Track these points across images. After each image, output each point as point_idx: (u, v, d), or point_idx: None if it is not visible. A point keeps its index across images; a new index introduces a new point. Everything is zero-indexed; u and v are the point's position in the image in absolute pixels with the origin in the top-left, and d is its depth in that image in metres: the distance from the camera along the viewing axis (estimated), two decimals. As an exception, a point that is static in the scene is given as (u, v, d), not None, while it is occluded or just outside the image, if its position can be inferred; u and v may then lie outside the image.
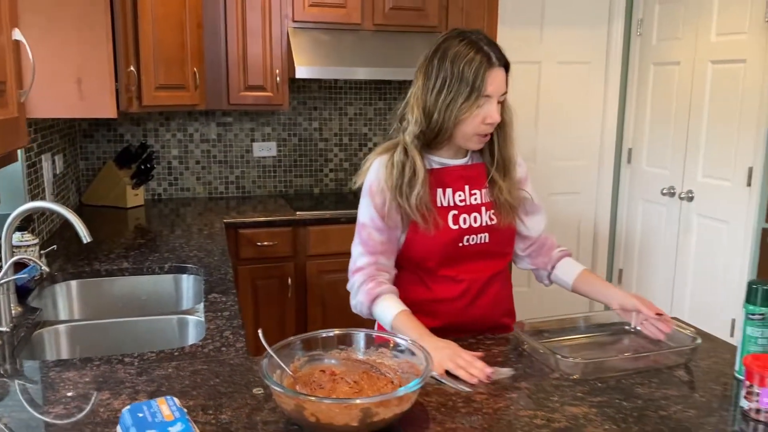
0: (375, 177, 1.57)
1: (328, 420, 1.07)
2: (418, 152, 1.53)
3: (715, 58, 3.45)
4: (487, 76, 1.47)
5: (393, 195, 1.53)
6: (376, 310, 1.54)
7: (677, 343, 1.52)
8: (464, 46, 1.48)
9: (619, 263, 4.34)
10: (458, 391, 1.30)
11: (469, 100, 1.47)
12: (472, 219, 1.59)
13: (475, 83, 1.46)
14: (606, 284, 1.69)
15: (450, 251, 1.58)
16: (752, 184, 3.25)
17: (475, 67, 1.46)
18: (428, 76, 1.51)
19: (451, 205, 1.59)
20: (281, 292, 3.13)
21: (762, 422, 1.21)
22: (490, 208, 1.61)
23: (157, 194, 3.58)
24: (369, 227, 1.58)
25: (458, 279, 1.61)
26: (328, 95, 3.72)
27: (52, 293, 2.04)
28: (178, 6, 2.93)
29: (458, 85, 1.47)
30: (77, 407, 1.24)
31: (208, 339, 1.59)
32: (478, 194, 1.61)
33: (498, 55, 1.50)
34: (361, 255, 1.59)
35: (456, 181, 1.60)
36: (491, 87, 1.48)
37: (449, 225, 1.57)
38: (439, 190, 1.58)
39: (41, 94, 2.23)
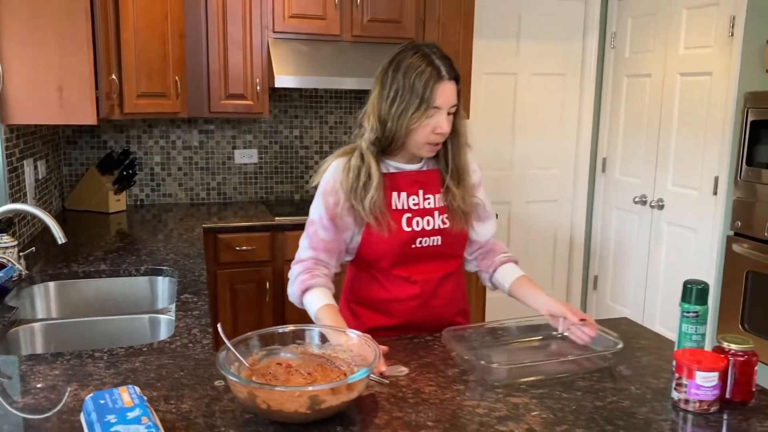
0: (331, 178, 1.64)
1: (279, 407, 1.15)
2: (374, 157, 1.61)
3: (683, 70, 3.57)
4: (436, 88, 1.53)
5: (347, 197, 1.61)
6: (305, 300, 1.62)
7: (602, 348, 1.55)
8: (417, 58, 1.55)
9: (594, 270, 4.43)
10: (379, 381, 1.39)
11: (419, 110, 1.54)
12: (425, 222, 1.67)
13: (425, 95, 1.53)
14: (538, 290, 1.70)
15: (403, 252, 1.66)
16: (718, 193, 3.35)
17: (425, 79, 1.53)
18: (383, 86, 1.58)
19: (405, 208, 1.66)
20: (259, 295, 3.20)
21: (690, 412, 1.29)
22: (443, 213, 1.69)
23: (140, 200, 3.65)
24: (316, 224, 1.65)
25: (412, 280, 1.69)
26: (308, 104, 3.81)
27: (30, 294, 2.11)
28: (160, 16, 3.01)
29: (409, 96, 1.53)
30: (45, 397, 1.31)
31: (176, 336, 1.66)
32: (432, 198, 1.68)
33: (448, 68, 1.57)
34: (304, 249, 1.67)
35: (410, 185, 1.67)
36: (440, 99, 1.55)
37: (403, 227, 1.64)
38: (394, 194, 1.65)
39: (22, 101, 2.31)
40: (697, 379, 1.27)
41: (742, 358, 1.31)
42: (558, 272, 4.51)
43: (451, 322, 1.73)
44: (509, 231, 4.31)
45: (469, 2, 3.58)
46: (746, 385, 1.32)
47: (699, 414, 1.28)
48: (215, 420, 1.22)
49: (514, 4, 4.05)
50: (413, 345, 1.61)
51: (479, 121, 4.05)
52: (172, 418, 1.22)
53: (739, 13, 3.18)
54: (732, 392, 1.32)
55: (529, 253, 4.38)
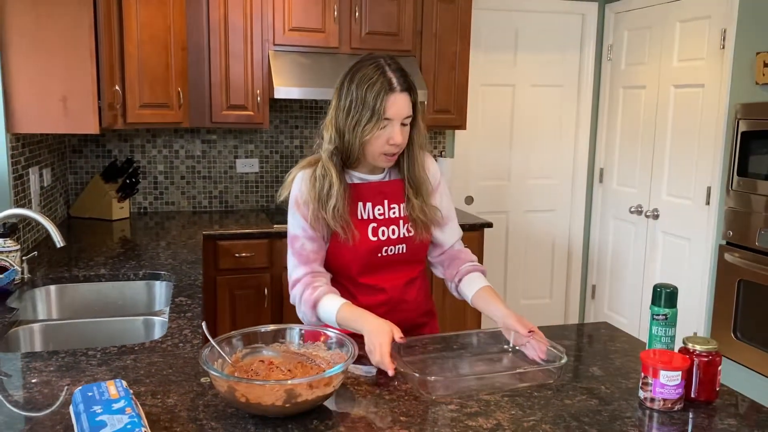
0: (298, 190, 1.66)
1: (256, 400, 1.21)
2: (334, 167, 1.62)
3: (677, 82, 3.62)
4: (386, 99, 1.54)
5: (316, 206, 1.63)
6: (319, 314, 1.62)
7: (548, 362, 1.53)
8: (371, 69, 1.57)
9: (592, 279, 4.47)
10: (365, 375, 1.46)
11: (371, 122, 1.55)
12: (390, 231, 1.70)
13: (376, 107, 1.54)
14: (497, 302, 1.68)
15: (369, 261, 1.69)
16: (710, 202, 3.39)
17: (376, 91, 1.53)
18: (340, 97, 1.60)
19: (370, 218, 1.69)
20: (258, 301, 3.26)
21: (655, 410, 1.34)
22: (407, 221, 1.72)
23: (143, 208, 3.74)
24: (301, 238, 1.66)
25: (379, 288, 1.72)
26: (308, 115, 3.89)
27: (31, 296, 2.18)
28: (163, 29, 3.11)
29: (362, 107, 1.55)
30: (39, 391, 1.38)
31: (168, 336, 1.73)
32: (396, 208, 1.71)
33: (401, 80, 1.57)
34: (296, 267, 1.66)
35: (375, 195, 1.70)
36: (391, 110, 1.56)
37: (369, 237, 1.68)
38: (360, 204, 1.68)
39: (27, 111, 2.40)
40: (662, 378, 1.32)
41: (706, 358, 1.36)
42: (556, 282, 4.55)
43: (414, 323, 1.77)
44: (507, 240, 4.37)
45: (466, 15, 3.65)
46: (710, 385, 1.37)
47: (663, 412, 1.33)
48: (198, 414, 1.28)
49: (511, 18, 4.13)
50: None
51: (477, 132, 4.12)
52: (158, 411, 1.29)
53: (730, 25, 3.23)
54: (697, 392, 1.37)
55: (528, 262, 4.43)
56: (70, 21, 2.40)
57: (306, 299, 1.62)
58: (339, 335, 1.42)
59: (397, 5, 3.52)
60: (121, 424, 1.10)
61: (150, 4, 3.01)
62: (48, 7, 2.38)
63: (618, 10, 4.11)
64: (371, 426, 1.26)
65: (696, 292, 3.51)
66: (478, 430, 1.24)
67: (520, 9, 4.13)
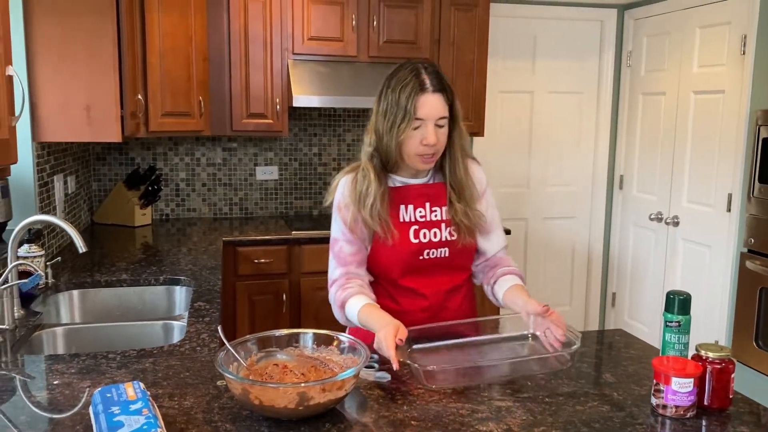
0: (341, 194, 1.72)
1: (270, 402, 1.23)
2: (373, 168, 1.67)
3: (696, 88, 3.60)
4: (417, 100, 1.58)
5: (357, 208, 1.67)
6: (346, 314, 1.66)
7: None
8: (406, 73, 1.61)
9: (612, 286, 4.44)
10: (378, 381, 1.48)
11: (404, 122, 1.59)
12: (432, 234, 1.71)
13: (407, 107, 1.58)
14: (520, 295, 1.67)
15: (411, 263, 1.71)
16: (731, 209, 3.36)
17: (408, 91, 1.58)
18: (379, 102, 1.65)
19: (412, 220, 1.71)
20: (276, 307, 3.30)
21: (667, 417, 1.34)
22: (449, 225, 1.73)
23: (165, 214, 3.80)
24: (340, 241, 1.70)
25: (420, 293, 1.74)
26: (327, 122, 3.93)
27: (55, 301, 2.24)
28: (184, 40, 3.17)
29: (396, 108, 1.59)
30: (60, 392, 1.42)
31: (186, 340, 1.77)
32: (438, 211, 1.73)
33: (434, 81, 1.61)
34: (334, 268, 1.71)
35: (417, 198, 1.72)
36: (422, 110, 1.59)
37: (410, 239, 1.70)
38: (402, 207, 1.71)
39: (52, 120, 2.47)
40: (673, 385, 1.32)
41: (719, 365, 1.36)
42: (576, 289, 4.53)
43: (461, 334, 1.78)
44: (526, 248, 4.36)
45: (484, 23, 3.67)
46: (723, 392, 1.36)
47: (676, 419, 1.33)
48: (213, 416, 1.31)
49: (529, 25, 4.14)
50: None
51: (496, 139, 4.13)
52: (174, 413, 1.32)
53: (750, 31, 3.21)
54: (710, 399, 1.36)
55: (547, 270, 4.41)
56: (94, 32, 2.47)
57: (336, 299, 1.67)
58: (351, 340, 1.44)
59: (414, 14, 3.55)
60: (138, 424, 1.13)
61: (172, 15, 3.07)
62: (73, 19, 2.45)
63: (637, 16, 4.10)
64: (383, 429, 1.27)
65: (717, 300, 3.47)
66: (487, 434, 1.26)
67: (538, 16, 4.13)
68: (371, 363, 1.55)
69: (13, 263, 1.79)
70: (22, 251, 2.10)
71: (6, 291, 1.77)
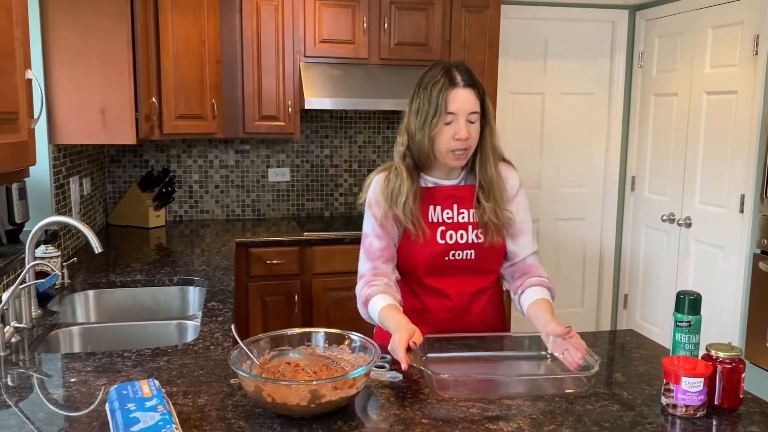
0: (373, 191, 1.75)
1: (282, 400, 1.25)
2: (405, 167, 1.70)
3: (709, 89, 3.58)
4: (448, 94, 1.60)
5: (388, 205, 1.71)
6: (369, 311, 1.68)
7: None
8: (437, 71, 1.64)
9: (624, 288, 4.43)
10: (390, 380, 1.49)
11: (435, 117, 1.61)
12: (459, 236, 1.72)
13: (439, 102, 1.60)
14: (546, 312, 1.65)
15: (437, 263, 1.72)
16: (744, 210, 3.34)
17: (439, 87, 1.61)
18: (411, 102, 1.68)
19: (439, 221, 1.72)
20: (288, 307, 3.32)
21: (677, 416, 1.35)
22: (477, 227, 1.73)
23: (179, 216, 3.84)
24: (370, 236, 1.73)
25: (445, 293, 1.74)
26: (338, 125, 3.95)
27: (71, 300, 2.27)
28: (197, 44, 3.20)
29: (428, 105, 1.62)
30: (77, 390, 1.44)
31: (200, 339, 1.79)
32: (465, 213, 1.74)
33: (464, 77, 1.63)
34: (363, 262, 1.74)
35: (445, 199, 1.74)
36: (453, 105, 1.61)
37: (437, 239, 1.71)
38: (431, 207, 1.73)
39: (68, 123, 2.51)
40: (683, 385, 1.33)
41: (729, 365, 1.36)
42: (588, 291, 4.52)
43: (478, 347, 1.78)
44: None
45: (494, 24, 3.68)
46: (734, 392, 1.36)
47: (686, 418, 1.33)
48: (227, 413, 1.33)
49: (540, 27, 4.14)
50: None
51: (507, 140, 4.11)
52: (189, 410, 1.34)
53: (763, 31, 3.19)
54: (720, 399, 1.37)
55: (559, 271, 4.40)
56: (109, 36, 2.51)
57: (361, 295, 1.70)
58: (363, 339, 1.46)
59: (425, 16, 3.56)
60: (153, 420, 1.15)
61: (185, 19, 3.11)
62: (88, 24, 2.49)
63: (648, 17, 4.09)
64: (393, 427, 1.29)
65: (730, 301, 3.45)
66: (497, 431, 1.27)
67: (549, 18, 4.13)
68: (383, 363, 1.56)
69: (30, 263, 1.82)
70: (39, 252, 2.13)
71: (24, 291, 1.80)
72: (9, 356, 1.65)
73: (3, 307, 1.67)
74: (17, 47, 1.38)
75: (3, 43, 1.33)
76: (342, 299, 3.36)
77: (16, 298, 1.80)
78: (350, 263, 3.29)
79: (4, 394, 1.43)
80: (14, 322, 1.78)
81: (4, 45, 1.34)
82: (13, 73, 1.37)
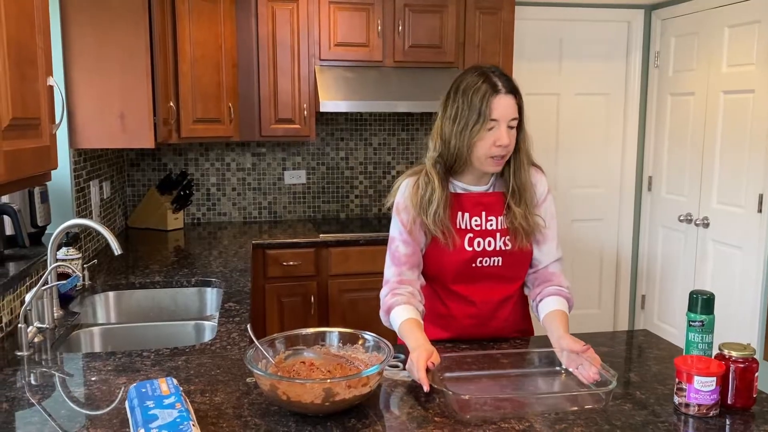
0: (401, 196, 1.74)
1: (297, 398, 1.27)
2: (437, 174, 1.69)
3: (726, 88, 3.56)
4: (492, 101, 1.60)
5: (417, 212, 1.70)
6: (391, 321, 1.68)
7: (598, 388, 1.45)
8: (475, 77, 1.64)
9: (641, 289, 4.40)
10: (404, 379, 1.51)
11: (478, 124, 1.60)
12: (486, 243, 1.72)
13: (482, 108, 1.59)
14: (560, 324, 1.64)
15: (464, 269, 1.72)
16: (762, 210, 3.32)
17: (481, 94, 1.60)
18: (446, 108, 1.67)
19: (468, 228, 1.72)
20: (305, 309, 3.35)
21: (690, 415, 1.35)
22: (505, 234, 1.72)
23: (197, 218, 3.89)
24: (397, 240, 1.73)
25: (470, 300, 1.74)
26: (354, 127, 3.98)
27: (92, 302, 2.32)
28: (214, 48, 3.25)
29: (468, 112, 1.61)
30: (98, 388, 1.48)
31: (217, 339, 1.82)
32: (494, 221, 1.73)
33: (505, 83, 1.62)
34: (389, 266, 1.74)
35: (474, 207, 1.73)
36: (497, 111, 1.60)
37: (465, 246, 1.71)
38: (459, 214, 1.72)
39: (88, 128, 2.56)
40: (696, 384, 1.33)
41: (742, 364, 1.36)
42: (605, 292, 4.50)
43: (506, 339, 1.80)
44: (554, 249, 4.34)
45: (509, 26, 3.68)
46: (747, 391, 1.36)
47: (698, 417, 1.34)
48: (243, 411, 1.36)
49: (555, 28, 4.13)
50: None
51: (522, 141, 4.12)
52: (206, 408, 1.37)
53: (780, 30, 3.17)
54: (733, 398, 1.37)
55: (575, 272, 4.39)
56: (128, 43, 2.55)
57: (384, 303, 1.70)
58: (376, 338, 1.48)
59: (439, 18, 3.58)
60: (171, 417, 1.18)
61: (202, 24, 3.16)
62: (107, 30, 2.54)
63: (664, 16, 4.07)
64: (406, 426, 1.31)
65: (749, 302, 3.42)
66: (510, 430, 1.28)
67: (564, 18, 4.13)
68: (396, 363, 1.58)
69: (52, 265, 1.87)
70: (60, 254, 2.18)
71: (46, 292, 1.85)
72: (32, 356, 1.70)
73: (26, 308, 1.71)
74: (39, 55, 1.42)
75: (25, 51, 1.37)
76: (358, 300, 3.39)
77: (39, 299, 1.84)
78: (366, 265, 3.37)
79: (28, 393, 1.47)
80: (37, 323, 1.83)
81: (27, 53, 1.38)
82: (36, 80, 1.41)
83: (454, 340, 1.78)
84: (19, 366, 1.63)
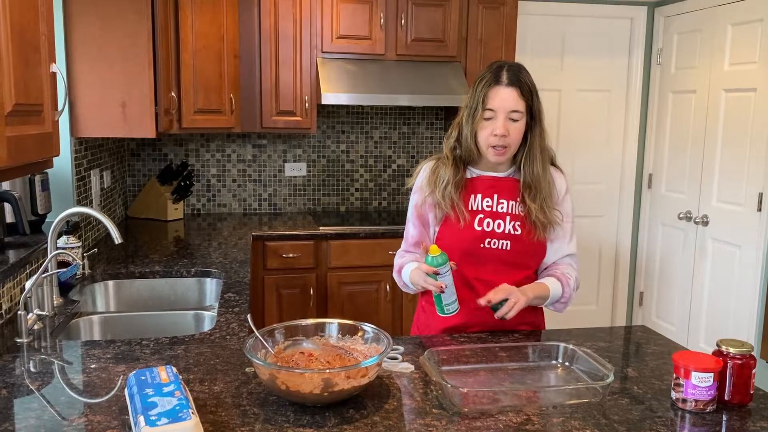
0: (419, 178, 1.86)
1: (296, 388, 1.28)
2: (453, 158, 1.78)
3: (728, 86, 3.56)
4: (489, 91, 1.68)
5: (430, 190, 1.79)
6: (402, 278, 1.85)
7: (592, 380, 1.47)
8: (489, 70, 1.72)
9: (640, 286, 4.41)
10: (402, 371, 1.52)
11: (477, 112, 1.69)
12: (496, 225, 1.76)
13: (480, 97, 1.69)
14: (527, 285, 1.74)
15: (472, 248, 1.76)
16: (762, 209, 3.32)
17: (482, 84, 1.70)
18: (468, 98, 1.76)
19: (479, 209, 1.77)
20: (303, 300, 3.36)
21: (687, 411, 1.35)
22: (515, 219, 1.76)
23: (197, 209, 3.89)
24: (409, 221, 1.89)
25: (478, 280, 1.75)
26: (355, 120, 3.97)
27: (91, 290, 2.32)
28: (216, 39, 3.24)
29: (472, 101, 1.71)
30: (97, 376, 1.48)
31: (216, 329, 1.82)
32: (505, 204, 1.77)
33: (510, 76, 1.68)
34: (403, 242, 1.93)
35: (486, 189, 1.78)
36: (494, 102, 1.67)
37: (474, 225, 1.76)
38: (472, 196, 1.78)
39: (89, 117, 2.55)
40: (693, 379, 1.34)
41: (739, 361, 1.37)
42: (603, 288, 4.51)
43: (513, 329, 1.81)
44: (553, 245, 4.34)
45: (511, 21, 3.68)
46: (744, 388, 1.37)
47: (695, 413, 1.34)
48: (242, 400, 1.36)
49: (558, 23, 4.12)
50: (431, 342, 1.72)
51: (523, 137, 4.12)
52: (205, 397, 1.38)
53: (783, 28, 3.17)
54: (730, 394, 1.37)
55: (573, 267, 4.40)
56: (130, 32, 2.55)
57: (395, 264, 1.89)
58: (375, 330, 1.48)
59: (442, 12, 3.57)
60: (171, 405, 1.19)
61: (205, 14, 3.15)
62: (110, 19, 2.53)
63: (667, 13, 4.06)
64: (405, 416, 1.31)
65: (747, 300, 3.43)
66: (508, 424, 1.28)
67: (567, 14, 4.12)
68: (395, 354, 1.59)
69: (52, 253, 1.87)
70: (60, 242, 2.18)
71: (46, 280, 1.85)
72: (32, 343, 1.70)
73: (26, 296, 1.72)
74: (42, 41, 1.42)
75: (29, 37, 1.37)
76: (356, 293, 3.39)
77: (39, 286, 1.84)
78: (365, 258, 3.37)
79: (27, 380, 1.48)
80: (37, 310, 1.83)
81: (31, 38, 1.38)
82: (39, 66, 1.41)
83: (460, 328, 1.80)
84: (19, 353, 1.64)
